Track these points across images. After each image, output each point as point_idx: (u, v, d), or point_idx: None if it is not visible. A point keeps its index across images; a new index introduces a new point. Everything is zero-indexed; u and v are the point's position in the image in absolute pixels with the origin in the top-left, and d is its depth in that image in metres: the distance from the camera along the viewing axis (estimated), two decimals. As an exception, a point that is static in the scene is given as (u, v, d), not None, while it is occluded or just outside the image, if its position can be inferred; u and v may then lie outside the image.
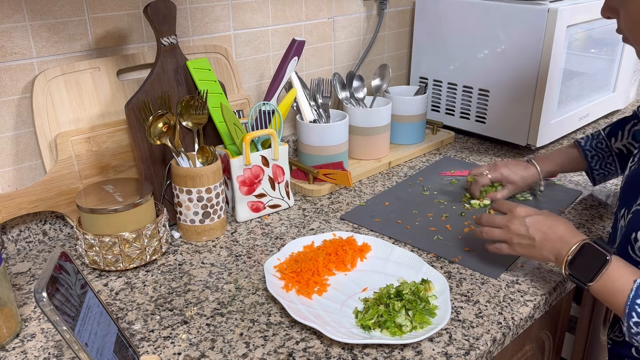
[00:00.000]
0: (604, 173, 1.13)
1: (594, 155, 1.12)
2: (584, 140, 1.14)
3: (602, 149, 1.12)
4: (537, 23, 1.29)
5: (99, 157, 1.03)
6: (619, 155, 1.10)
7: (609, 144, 1.11)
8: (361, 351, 0.76)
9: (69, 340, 0.59)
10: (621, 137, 1.09)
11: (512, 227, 0.87)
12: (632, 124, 1.08)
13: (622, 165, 1.11)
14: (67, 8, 0.97)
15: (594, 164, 1.12)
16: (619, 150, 1.10)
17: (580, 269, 0.78)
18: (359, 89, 1.38)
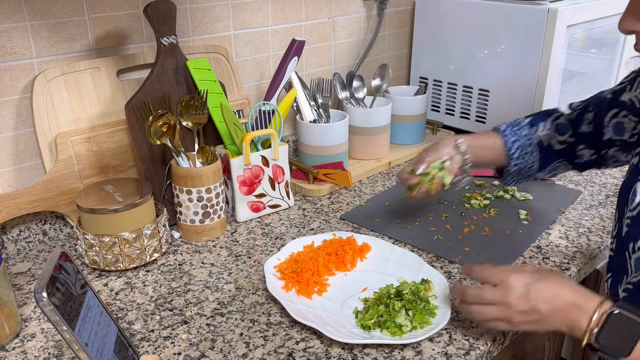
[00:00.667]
0: (519, 166, 1.01)
1: (515, 141, 1.00)
2: (504, 126, 1.03)
3: (522, 136, 1.01)
4: (537, 23, 1.29)
5: (99, 157, 1.03)
6: (539, 144, 1.00)
7: (530, 132, 1.01)
8: (361, 351, 0.76)
9: (69, 340, 0.59)
10: (543, 128, 1.01)
11: (513, 303, 0.71)
12: (555, 118, 1.01)
13: (542, 157, 1.00)
14: (67, 8, 0.97)
15: (514, 151, 1.00)
16: (539, 140, 1.00)
17: (612, 342, 0.65)
18: (359, 89, 1.38)
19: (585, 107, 0.98)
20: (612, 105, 0.92)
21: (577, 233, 1.05)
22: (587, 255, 0.98)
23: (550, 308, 0.69)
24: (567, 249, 1.00)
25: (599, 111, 0.95)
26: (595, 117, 0.95)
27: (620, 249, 0.74)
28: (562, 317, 0.69)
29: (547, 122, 1.01)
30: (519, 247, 1.01)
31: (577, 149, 0.98)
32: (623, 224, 0.74)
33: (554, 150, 1.00)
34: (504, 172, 1.03)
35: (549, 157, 1.01)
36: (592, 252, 0.99)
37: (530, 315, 0.70)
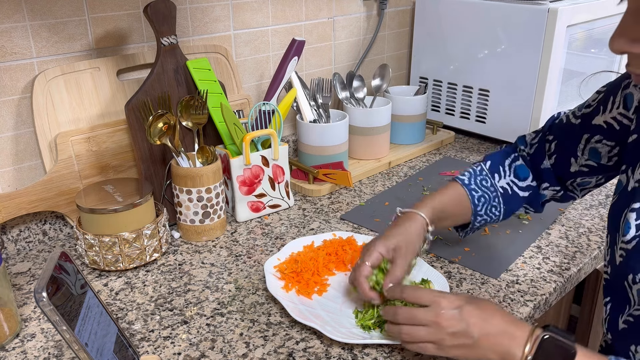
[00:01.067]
0: (484, 221, 0.92)
1: (481, 196, 0.90)
2: (467, 177, 0.92)
3: (487, 188, 0.91)
4: (537, 23, 1.29)
5: (99, 157, 1.03)
6: (503, 195, 0.91)
7: (493, 182, 0.92)
8: (361, 351, 0.76)
9: (69, 340, 0.59)
10: (503, 174, 0.92)
11: (443, 324, 0.68)
12: (512, 159, 0.93)
13: (506, 207, 0.92)
14: (67, 8, 0.97)
15: (480, 207, 0.90)
16: (503, 190, 0.91)
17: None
18: (359, 89, 1.38)
19: (542, 137, 0.91)
20: (584, 131, 0.84)
21: (577, 233, 1.05)
22: (587, 255, 0.98)
23: (482, 332, 0.67)
24: (567, 249, 1.00)
25: (566, 140, 0.87)
26: (559, 148, 0.88)
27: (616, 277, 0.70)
28: (493, 343, 0.66)
29: (505, 167, 0.93)
30: (519, 247, 1.01)
31: (541, 189, 0.92)
32: (616, 252, 0.70)
33: (518, 197, 0.92)
34: (468, 228, 0.93)
35: (515, 206, 0.93)
36: (592, 252, 0.99)
37: (462, 338, 0.67)
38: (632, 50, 0.59)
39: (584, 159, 0.85)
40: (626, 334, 0.69)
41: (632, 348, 0.67)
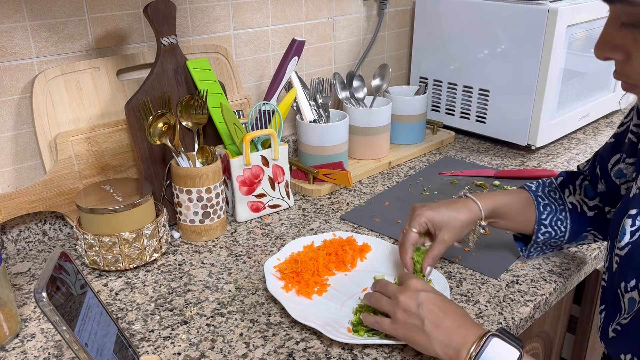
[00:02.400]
0: (548, 235, 0.89)
1: (547, 205, 0.88)
2: (535, 185, 0.91)
3: (555, 199, 0.89)
4: (537, 23, 1.29)
5: (99, 157, 1.03)
6: (571, 212, 0.89)
7: (563, 196, 0.90)
8: (361, 351, 0.76)
9: (68, 340, 0.59)
10: (573, 191, 0.90)
11: (401, 299, 0.71)
12: (582, 179, 0.90)
13: (572, 225, 0.88)
14: (67, 8, 0.97)
15: (545, 216, 0.88)
16: (572, 206, 0.89)
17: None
18: (359, 89, 1.38)
19: (593, 163, 0.88)
20: (615, 151, 0.82)
21: (577, 233, 1.05)
22: (587, 255, 0.98)
23: (434, 321, 0.68)
24: (567, 249, 1.00)
25: (604, 162, 0.84)
26: (602, 172, 0.85)
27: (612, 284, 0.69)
28: (442, 337, 0.67)
29: (575, 185, 0.90)
30: (519, 247, 1.01)
31: (606, 212, 0.88)
32: (613, 259, 0.68)
33: (586, 217, 0.88)
34: (530, 242, 0.90)
35: (582, 226, 0.88)
36: (592, 252, 0.99)
37: (413, 319, 0.70)
38: (614, 57, 0.60)
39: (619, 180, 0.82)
40: (615, 342, 0.67)
41: (622, 357, 0.65)
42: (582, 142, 1.50)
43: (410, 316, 0.70)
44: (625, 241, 0.65)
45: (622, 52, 0.59)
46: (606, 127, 1.61)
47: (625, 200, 0.70)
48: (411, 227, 0.86)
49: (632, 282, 0.64)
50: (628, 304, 0.65)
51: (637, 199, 0.66)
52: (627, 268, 0.65)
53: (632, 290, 0.64)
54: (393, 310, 0.72)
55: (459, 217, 0.85)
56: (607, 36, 0.61)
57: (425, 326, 0.69)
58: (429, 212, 0.85)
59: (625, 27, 0.57)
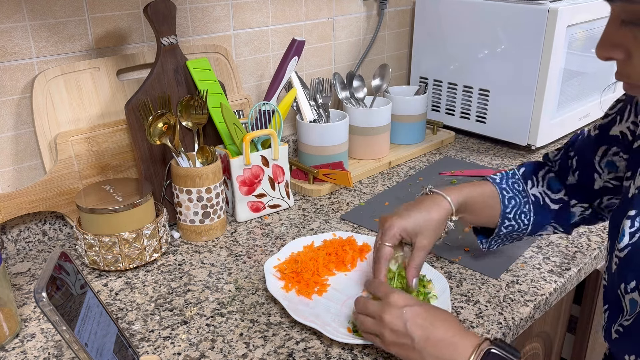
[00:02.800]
0: (511, 228, 0.87)
1: (511, 198, 0.86)
2: (499, 177, 0.89)
3: (519, 192, 0.87)
4: (537, 23, 1.29)
5: (99, 157, 1.03)
6: (534, 203, 0.87)
7: (526, 187, 0.88)
8: (361, 351, 0.76)
9: (68, 340, 0.59)
10: (536, 183, 0.88)
11: (386, 319, 0.68)
12: (546, 170, 0.89)
13: (535, 218, 0.87)
14: (67, 8, 0.97)
15: (510, 209, 0.86)
16: (535, 198, 0.87)
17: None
18: (359, 89, 1.38)
19: (565, 154, 0.87)
20: (600, 142, 0.80)
21: (577, 233, 1.05)
22: (587, 255, 0.98)
23: (424, 337, 0.66)
24: (567, 249, 1.00)
25: (586, 154, 0.83)
26: (579, 163, 0.84)
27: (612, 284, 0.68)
28: (435, 350, 0.65)
29: (538, 177, 0.89)
30: (519, 247, 1.00)
31: (570, 205, 0.87)
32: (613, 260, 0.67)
33: (549, 209, 0.87)
34: (493, 235, 0.88)
35: (544, 218, 0.88)
36: (592, 252, 0.99)
37: (402, 338, 0.67)
38: (615, 56, 0.60)
39: (605, 173, 0.81)
40: (619, 343, 0.66)
41: (625, 357, 0.64)
42: (582, 142, 1.50)
43: (399, 336, 0.67)
44: (624, 242, 0.65)
45: (623, 52, 0.59)
46: (606, 127, 1.61)
47: (624, 201, 0.70)
48: (384, 242, 0.80)
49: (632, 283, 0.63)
50: (630, 305, 0.64)
51: (636, 200, 0.66)
52: (627, 269, 0.64)
53: (633, 292, 0.63)
54: (380, 331, 0.69)
55: (431, 217, 0.81)
56: (608, 35, 0.61)
57: (416, 344, 0.66)
58: (400, 222, 0.80)
59: (625, 25, 0.58)
